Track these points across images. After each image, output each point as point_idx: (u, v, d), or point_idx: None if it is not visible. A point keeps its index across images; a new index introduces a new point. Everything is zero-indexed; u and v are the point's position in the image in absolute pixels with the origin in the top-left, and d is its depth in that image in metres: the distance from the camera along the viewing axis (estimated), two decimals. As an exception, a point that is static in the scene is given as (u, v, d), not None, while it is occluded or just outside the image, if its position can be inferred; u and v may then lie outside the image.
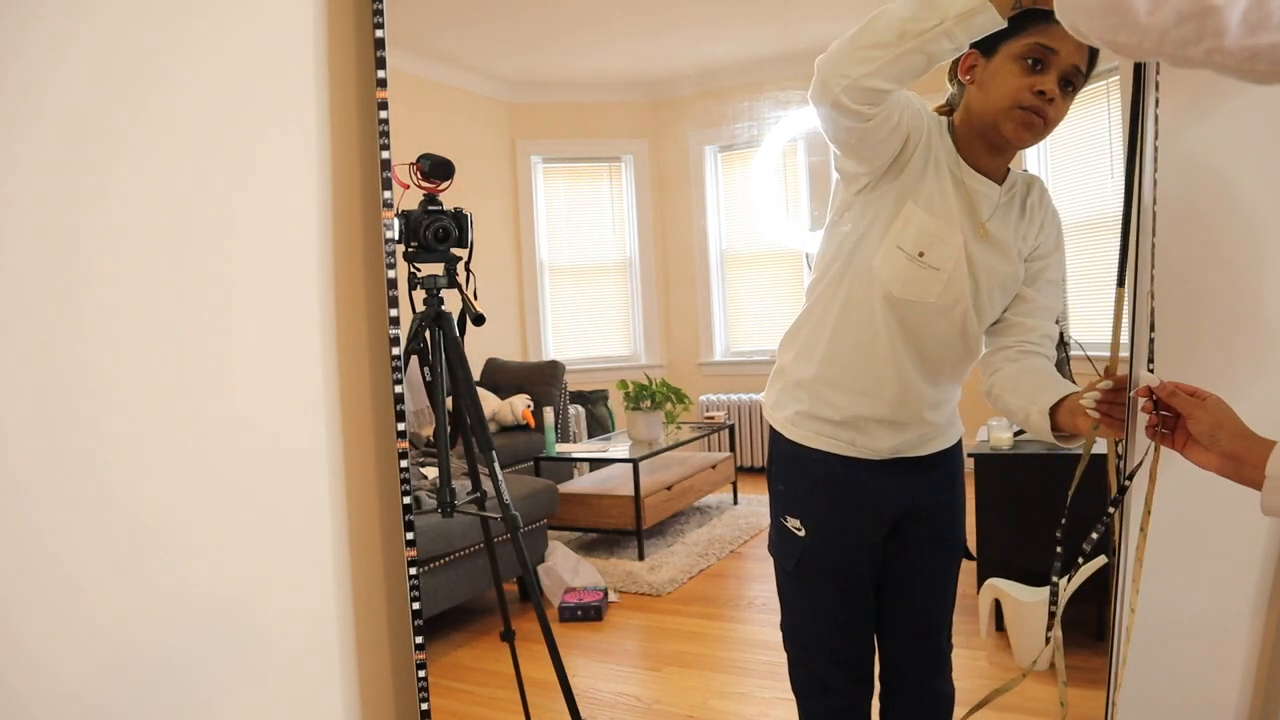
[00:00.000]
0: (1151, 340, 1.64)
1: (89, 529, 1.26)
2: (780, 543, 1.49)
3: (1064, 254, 1.44)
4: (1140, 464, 1.13)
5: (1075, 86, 1.25)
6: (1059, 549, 1.25)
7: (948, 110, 1.39)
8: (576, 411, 3.09)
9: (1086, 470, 1.26)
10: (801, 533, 1.44)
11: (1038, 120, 1.24)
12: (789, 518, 1.46)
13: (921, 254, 1.29)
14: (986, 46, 1.24)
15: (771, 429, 1.50)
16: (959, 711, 1.53)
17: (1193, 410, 1.01)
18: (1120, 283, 1.29)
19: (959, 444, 1.52)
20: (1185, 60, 0.75)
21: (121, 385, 1.29)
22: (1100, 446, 1.27)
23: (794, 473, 1.47)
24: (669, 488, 3.16)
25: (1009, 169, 1.37)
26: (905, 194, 1.31)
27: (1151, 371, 1.09)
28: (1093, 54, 1.24)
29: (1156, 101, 1.57)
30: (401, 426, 1.56)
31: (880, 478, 1.42)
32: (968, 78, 1.30)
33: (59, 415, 1.24)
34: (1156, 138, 1.56)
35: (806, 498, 1.45)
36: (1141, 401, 1.07)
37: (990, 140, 1.30)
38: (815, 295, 1.43)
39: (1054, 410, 1.25)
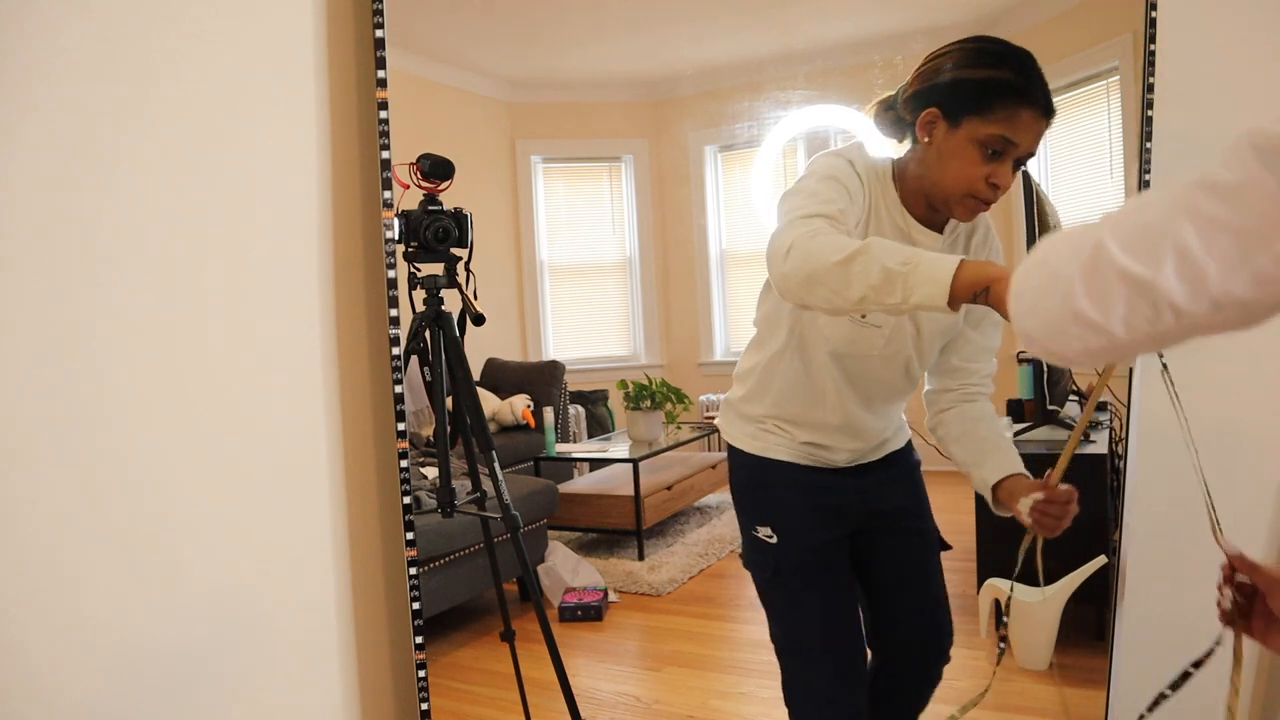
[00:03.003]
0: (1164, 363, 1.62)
1: (90, 529, 1.26)
2: (754, 554, 1.52)
3: None
4: (1210, 654, 0.95)
5: (1025, 164, 1.26)
6: (1039, 561, 1.28)
7: (887, 109, 1.37)
8: (576, 411, 3.09)
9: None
10: (773, 539, 1.47)
11: (985, 206, 1.27)
12: (759, 527, 1.49)
13: (864, 315, 1.33)
14: (951, 113, 1.22)
15: (730, 446, 1.55)
16: (953, 710, 1.53)
17: (1274, 588, 0.84)
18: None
19: (909, 444, 1.61)
20: (1162, 338, 0.69)
21: (123, 385, 1.29)
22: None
23: (758, 482, 1.51)
24: (669, 488, 3.16)
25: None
26: None
27: (1217, 525, 0.90)
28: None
29: (1150, 103, 1.57)
30: (401, 426, 1.56)
31: (841, 477, 1.50)
32: (926, 139, 1.27)
33: (61, 416, 1.24)
34: (1149, 140, 1.56)
35: (774, 503, 1.49)
36: (1217, 582, 0.90)
37: (935, 206, 1.33)
38: (762, 338, 1.49)
39: (995, 486, 1.35)
